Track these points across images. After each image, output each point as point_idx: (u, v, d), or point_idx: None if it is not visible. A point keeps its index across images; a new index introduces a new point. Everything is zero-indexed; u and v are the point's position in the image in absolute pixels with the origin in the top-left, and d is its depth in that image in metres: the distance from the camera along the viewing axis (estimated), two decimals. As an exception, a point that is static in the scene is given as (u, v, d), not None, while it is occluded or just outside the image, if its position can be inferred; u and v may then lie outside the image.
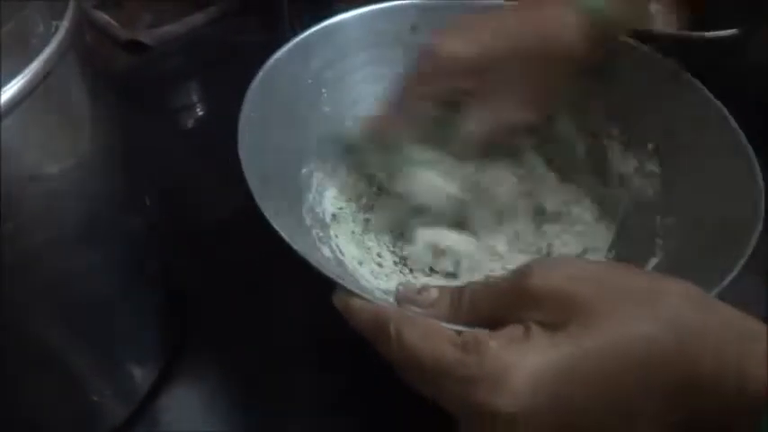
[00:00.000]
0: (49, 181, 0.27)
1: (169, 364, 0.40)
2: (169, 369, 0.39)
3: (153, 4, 0.64)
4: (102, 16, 0.59)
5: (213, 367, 0.41)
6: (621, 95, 0.45)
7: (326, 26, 0.46)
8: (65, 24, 0.26)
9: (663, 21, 0.56)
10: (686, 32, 0.56)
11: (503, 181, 0.46)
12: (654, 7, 0.59)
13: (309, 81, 0.45)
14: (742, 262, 0.32)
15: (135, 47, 0.59)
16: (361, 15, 0.47)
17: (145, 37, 0.59)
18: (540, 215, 0.46)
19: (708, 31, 0.54)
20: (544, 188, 0.47)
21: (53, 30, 0.25)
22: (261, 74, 0.41)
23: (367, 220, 0.46)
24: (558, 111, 0.46)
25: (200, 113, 0.60)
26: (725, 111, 0.41)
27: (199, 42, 0.63)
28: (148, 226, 0.38)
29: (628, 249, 0.43)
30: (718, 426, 0.23)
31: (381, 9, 0.48)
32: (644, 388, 0.23)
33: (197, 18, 0.62)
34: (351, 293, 0.28)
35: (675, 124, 0.43)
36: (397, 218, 0.44)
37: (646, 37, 0.45)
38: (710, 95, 0.42)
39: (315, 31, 0.45)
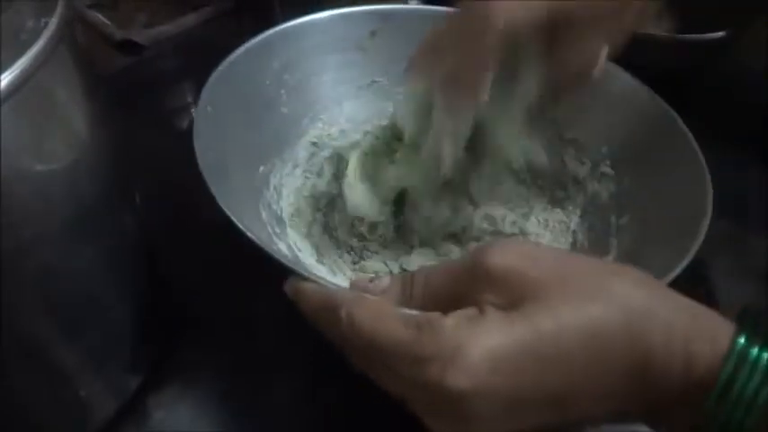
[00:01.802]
0: (38, 177, 0.27)
1: (160, 361, 0.40)
2: (160, 366, 0.40)
3: (147, 5, 0.65)
4: (97, 16, 0.59)
5: (204, 365, 0.41)
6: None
7: (285, 29, 0.46)
8: (54, 21, 0.26)
9: (650, 23, 0.57)
10: (673, 35, 0.56)
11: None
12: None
13: (268, 82, 0.45)
14: (689, 257, 0.33)
15: (129, 47, 0.59)
16: (321, 20, 0.47)
17: (139, 37, 0.59)
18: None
19: (695, 33, 0.54)
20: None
21: (42, 26, 0.26)
22: (218, 71, 0.41)
23: (326, 222, 0.45)
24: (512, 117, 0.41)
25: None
26: (674, 113, 0.42)
27: (193, 43, 0.63)
28: (139, 224, 0.38)
29: (583, 250, 0.43)
30: (666, 404, 0.24)
31: (341, 14, 0.48)
32: (595, 367, 0.23)
33: (191, 18, 0.63)
34: (302, 279, 0.29)
35: (628, 127, 0.43)
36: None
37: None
38: (660, 99, 0.42)
39: (272, 34, 0.45)
